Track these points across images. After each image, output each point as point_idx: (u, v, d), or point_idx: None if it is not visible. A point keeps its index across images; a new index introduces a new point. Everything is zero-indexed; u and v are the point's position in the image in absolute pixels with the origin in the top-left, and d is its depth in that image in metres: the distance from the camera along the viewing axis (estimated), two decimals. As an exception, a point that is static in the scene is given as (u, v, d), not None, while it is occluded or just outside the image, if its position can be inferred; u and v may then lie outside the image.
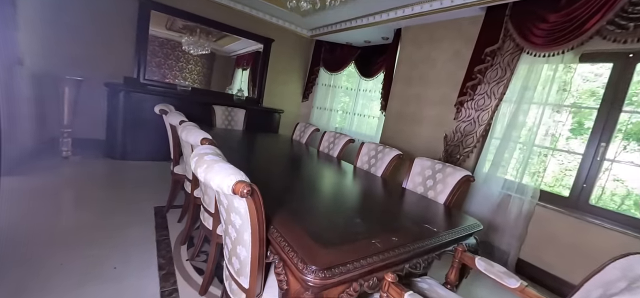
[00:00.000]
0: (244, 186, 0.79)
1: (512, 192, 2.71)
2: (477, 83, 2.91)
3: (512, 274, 1.16)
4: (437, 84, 3.39)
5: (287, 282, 0.90)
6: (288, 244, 0.92)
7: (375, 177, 2.18)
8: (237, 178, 0.81)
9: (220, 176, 0.82)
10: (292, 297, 0.86)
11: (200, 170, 0.89)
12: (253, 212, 0.87)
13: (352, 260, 0.90)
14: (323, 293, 0.86)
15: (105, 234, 2.07)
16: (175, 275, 1.78)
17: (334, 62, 5.39)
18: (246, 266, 1.01)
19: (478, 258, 1.26)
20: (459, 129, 3.06)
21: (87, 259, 1.78)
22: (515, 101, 2.75)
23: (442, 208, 1.70)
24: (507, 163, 2.79)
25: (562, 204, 2.52)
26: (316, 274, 0.81)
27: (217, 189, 0.84)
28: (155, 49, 4.18)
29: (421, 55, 3.61)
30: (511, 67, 2.72)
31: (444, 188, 1.84)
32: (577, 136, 2.69)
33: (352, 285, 0.92)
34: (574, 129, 2.71)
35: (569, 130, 2.72)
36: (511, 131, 2.76)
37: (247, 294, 1.05)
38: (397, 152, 2.28)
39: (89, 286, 1.58)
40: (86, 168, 3.27)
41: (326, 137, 3.03)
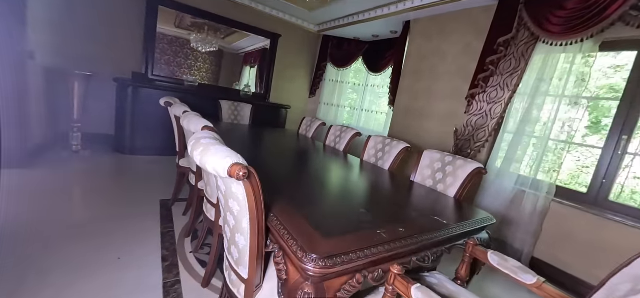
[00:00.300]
0: (240, 168, 0.75)
1: (526, 188, 2.60)
2: (489, 75, 2.80)
3: (528, 269, 1.08)
4: (448, 77, 3.29)
5: (286, 271, 0.86)
6: (288, 232, 0.88)
7: (383, 171, 2.12)
8: (233, 161, 0.77)
9: (216, 158, 0.78)
10: (291, 288, 0.82)
11: (197, 153, 0.85)
12: (251, 197, 0.83)
13: (356, 249, 0.85)
14: (324, 283, 0.81)
15: (111, 226, 2.07)
16: (178, 267, 1.77)
17: (342, 57, 5.33)
18: (245, 255, 0.97)
19: (491, 252, 1.18)
20: (470, 122, 2.96)
21: (92, 249, 1.78)
22: (530, 94, 2.64)
23: (452, 201, 1.62)
24: (521, 158, 2.68)
25: (580, 200, 2.40)
26: (316, 263, 0.76)
27: (213, 172, 0.80)
28: (164, 47, 4.22)
29: (431, 48, 3.51)
30: (526, 58, 2.61)
31: (454, 181, 1.76)
32: (594, 133, 2.55)
33: (355, 277, 0.87)
34: (591, 126, 2.56)
35: (586, 127, 2.57)
36: (525, 125, 2.65)
37: (246, 285, 1.01)
38: (405, 145, 2.21)
39: (92, 275, 1.57)
40: (95, 163, 3.31)
41: (332, 131, 2.97)
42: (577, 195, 2.44)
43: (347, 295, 0.84)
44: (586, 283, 2.23)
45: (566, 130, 2.44)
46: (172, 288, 1.59)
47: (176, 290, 1.58)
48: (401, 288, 0.86)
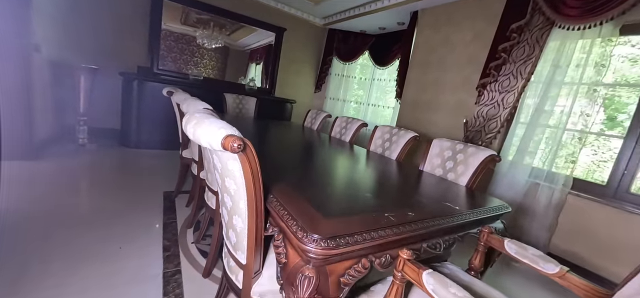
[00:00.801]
0: (234, 139, 0.69)
1: (541, 181, 2.48)
2: (501, 63, 2.69)
3: (549, 258, 1.00)
4: (457, 67, 3.18)
5: (286, 254, 0.80)
6: (287, 212, 0.81)
7: (390, 160, 2.04)
8: (228, 132, 0.71)
9: (210, 130, 0.73)
10: (290, 271, 0.76)
11: (190, 126, 0.79)
12: (247, 173, 0.77)
13: (361, 231, 0.78)
14: (327, 267, 0.75)
15: (114, 217, 2.05)
16: (179, 257, 1.73)
17: (348, 51, 5.24)
18: (243, 239, 0.91)
19: (508, 240, 1.10)
20: (481, 113, 2.85)
21: (94, 239, 1.76)
22: (544, 82, 2.52)
23: (464, 190, 1.54)
24: (535, 149, 2.56)
25: (598, 193, 2.27)
26: (318, 244, 0.70)
27: (206, 145, 0.74)
28: (170, 44, 4.21)
29: (440, 38, 3.40)
30: (540, 44, 2.49)
31: (465, 169, 1.67)
32: (610, 129, 2.40)
33: (360, 261, 0.80)
34: (607, 121, 2.41)
35: (602, 122, 2.43)
36: (540, 114, 2.53)
37: (245, 271, 0.95)
38: (413, 134, 2.12)
39: (93, 263, 1.54)
40: (101, 156, 3.31)
41: (338, 122, 2.90)
42: (595, 188, 2.32)
43: (351, 280, 0.77)
44: (606, 280, 2.11)
45: (583, 119, 2.32)
46: (173, 278, 1.55)
47: (177, 279, 1.54)
48: (411, 274, 0.79)
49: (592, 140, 2.47)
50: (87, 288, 1.39)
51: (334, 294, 0.75)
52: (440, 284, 0.72)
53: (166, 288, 1.47)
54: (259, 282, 0.96)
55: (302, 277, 0.72)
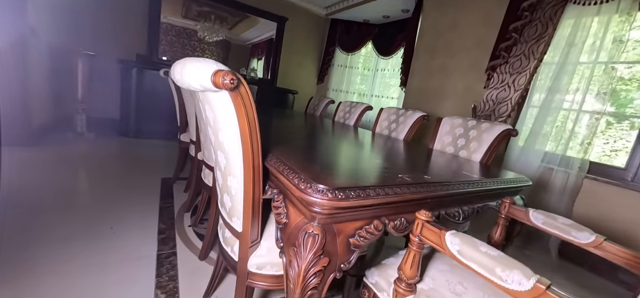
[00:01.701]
0: (226, 74, 0.59)
1: (555, 165, 2.37)
2: (512, 43, 2.57)
3: (582, 227, 0.89)
4: (465, 51, 3.06)
5: (286, 214, 0.69)
6: (289, 168, 0.71)
7: (397, 140, 1.93)
8: (218, 67, 0.61)
9: (198, 67, 0.63)
10: (292, 231, 0.65)
11: (177, 68, 0.70)
12: (242, 118, 0.67)
13: (374, 186, 0.68)
14: (334, 226, 0.65)
15: (109, 200, 1.96)
16: (174, 240, 1.63)
17: (350, 41, 5.14)
18: (238, 203, 0.81)
19: (533, 210, 0.99)
20: (490, 97, 2.74)
21: (87, 220, 1.67)
22: (558, 62, 2.40)
23: (479, 165, 1.43)
24: (549, 133, 2.44)
25: (617, 176, 2.15)
26: (325, 195, 0.59)
27: (197, 86, 0.64)
28: (172, 39, 4.14)
29: (446, 21, 3.29)
30: (554, 22, 2.37)
31: (479, 145, 1.56)
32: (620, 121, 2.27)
33: (373, 223, 0.70)
34: (625, 100, 2.28)
35: (611, 113, 2.29)
36: (553, 96, 2.41)
37: (241, 240, 0.85)
38: (421, 113, 2.02)
39: (82, 243, 1.45)
40: (99, 144, 3.23)
41: (342, 106, 2.80)
42: (613, 171, 2.20)
43: (363, 242, 0.67)
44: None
45: (601, 99, 2.20)
46: (167, 260, 1.45)
47: (171, 261, 1.45)
48: (431, 237, 0.68)
49: (603, 128, 2.33)
50: (74, 266, 1.30)
51: (344, 256, 0.65)
52: (467, 244, 0.61)
53: (159, 269, 1.37)
54: (257, 253, 0.86)
55: (305, 234, 0.61)
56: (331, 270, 0.64)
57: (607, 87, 2.18)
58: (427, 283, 0.79)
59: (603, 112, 2.21)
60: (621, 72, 2.21)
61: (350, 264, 0.65)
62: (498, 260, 0.56)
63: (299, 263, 0.60)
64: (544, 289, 0.50)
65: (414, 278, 0.74)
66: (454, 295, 0.74)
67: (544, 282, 0.51)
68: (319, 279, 0.61)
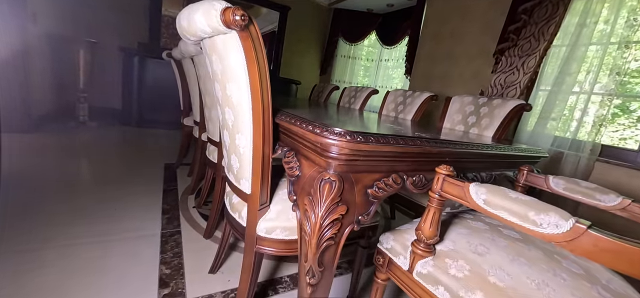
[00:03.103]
0: (236, 10, 0.55)
1: (565, 149, 2.31)
2: (521, 25, 2.51)
3: (607, 189, 0.85)
4: (472, 35, 3.01)
5: (299, 167, 0.66)
6: (302, 119, 0.67)
7: (405, 120, 1.89)
8: (227, 5, 0.57)
9: (206, 7, 0.59)
10: (306, 182, 0.62)
11: (184, 15, 0.66)
12: (253, 64, 0.63)
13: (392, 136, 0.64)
14: (352, 176, 0.61)
15: (112, 184, 1.94)
16: (179, 220, 1.60)
17: (354, 31, 5.08)
18: (247, 163, 0.77)
19: (552, 177, 0.95)
20: (499, 81, 2.68)
21: (88, 201, 1.65)
22: (570, 42, 2.34)
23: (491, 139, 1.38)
24: (559, 116, 2.39)
25: (630, 159, 2.10)
26: (342, 137, 0.55)
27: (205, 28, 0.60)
28: (174, 32, 4.10)
29: (453, 6, 3.23)
30: (564, 2, 2.31)
31: (491, 122, 1.52)
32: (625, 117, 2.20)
33: (391, 176, 0.66)
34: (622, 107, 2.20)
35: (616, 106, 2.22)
36: (564, 78, 2.35)
37: (250, 203, 0.81)
38: (429, 94, 1.97)
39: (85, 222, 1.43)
40: (101, 132, 3.21)
41: (346, 92, 2.76)
42: (626, 154, 2.15)
43: (381, 194, 0.63)
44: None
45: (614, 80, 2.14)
46: (171, 238, 1.42)
47: (175, 239, 1.42)
48: (453, 191, 0.64)
49: (611, 118, 2.26)
50: (78, 242, 1.27)
51: (362, 207, 0.61)
52: (494, 192, 0.57)
53: (164, 246, 1.34)
54: (266, 217, 0.82)
55: (322, 182, 0.58)
56: (349, 220, 0.60)
57: (619, 68, 2.12)
58: (446, 245, 0.75)
59: (614, 94, 2.15)
60: (632, 58, 2.14)
61: (369, 216, 0.62)
62: (530, 205, 0.52)
63: (315, 211, 0.56)
64: (584, 229, 0.46)
65: (434, 238, 0.70)
66: (477, 255, 0.70)
67: (583, 222, 0.47)
68: (337, 229, 0.57)
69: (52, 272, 1.09)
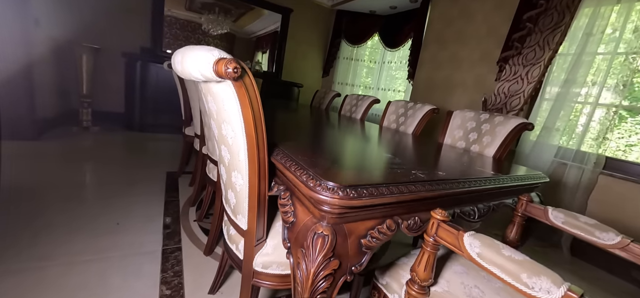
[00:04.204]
0: (230, 62, 0.55)
1: (569, 160, 2.29)
2: (526, 34, 2.48)
3: (606, 227, 0.84)
4: (476, 41, 2.97)
5: (294, 213, 0.66)
6: (296, 163, 0.67)
7: (406, 134, 1.88)
8: (221, 55, 0.57)
9: (200, 55, 0.59)
10: (300, 231, 0.62)
11: (178, 57, 0.66)
12: (247, 110, 0.63)
13: (386, 183, 0.63)
14: (345, 226, 0.61)
15: (114, 194, 1.95)
16: (180, 235, 1.62)
17: (356, 33, 5.04)
18: (243, 199, 0.78)
19: (552, 209, 0.94)
20: (502, 89, 2.65)
21: (92, 214, 1.66)
22: (575, 52, 2.30)
23: (492, 160, 1.37)
24: (563, 126, 2.36)
25: (635, 172, 2.07)
26: (335, 193, 0.55)
27: (198, 76, 0.60)
28: (177, 32, 4.11)
29: (457, 10, 3.18)
30: (571, 10, 2.27)
31: (492, 140, 1.50)
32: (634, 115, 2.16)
33: (385, 222, 0.66)
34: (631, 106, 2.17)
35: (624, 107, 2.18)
36: (569, 88, 2.32)
37: (246, 238, 0.82)
38: (431, 107, 1.95)
39: (87, 236, 1.45)
40: (104, 138, 3.23)
41: (348, 100, 2.74)
42: (631, 167, 2.12)
43: (375, 243, 0.63)
44: (643, 266, 1.92)
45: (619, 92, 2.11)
46: (172, 255, 1.44)
47: (176, 256, 1.43)
48: (448, 238, 0.64)
49: (618, 122, 2.24)
50: (78, 260, 1.29)
51: (355, 258, 0.61)
52: (488, 247, 0.57)
53: (165, 264, 1.36)
54: (263, 252, 0.83)
55: (314, 235, 0.58)
56: (342, 273, 0.60)
57: (625, 80, 2.09)
58: (441, 286, 0.75)
59: (620, 106, 2.12)
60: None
61: (362, 266, 0.62)
62: (523, 265, 0.52)
63: (307, 266, 0.57)
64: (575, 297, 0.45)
65: (428, 280, 0.70)
66: (471, 299, 0.70)
67: (575, 290, 0.46)
68: (329, 283, 0.58)
69: (51, 291, 1.11)
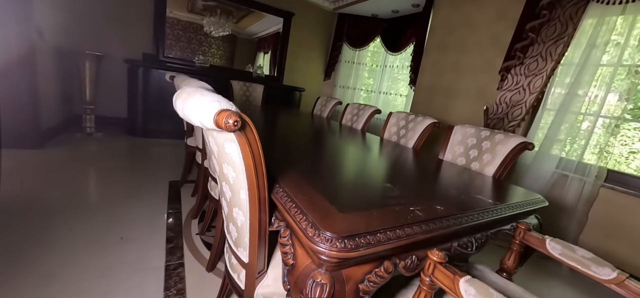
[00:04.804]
0: (230, 115, 0.56)
1: (570, 172, 2.29)
2: (528, 44, 2.46)
3: (603, 261, 0.85)
4: (478, 49, 2.96)
5: (294, 255, 0.67)
6: (296, 205, 0.69)
7: (406, 149, 1.89)
8: (222, 106, 0.58)
9: (201, 104, 0.60)
10: (299, 275, 0.63)
11: (179, 101, 0.67)
12: (248, 157, 0.64)
13: (383, 228, 0.65)
14: (343, 272, 0.62)
15: (117, 205, 1.98)
16: (182, 249, 1.64)
17: (358, 36, 5.03)
18: (244, 234, 0.79)
19: (549, 239, 0.95)
20: (504, 99, 2.64)
21: (95, 227, 1.69)
22: (578, 63, 2.29)
23: (491, 180, 1.38)
24: (565, 138, 2.35)
25: (636, 186, 2.07)
26: (333, 244, 0.57)
27: (197, 123, 0.61)
28: (179, 34, 4.13)
29: (459, 17, 3.17)
30: (574, 21, 2.26)
31: (492, 158, 1.51)
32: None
33: (382, 264, 0.67)
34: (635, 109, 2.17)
35: (629, 110, 2.18)
36: (571, 100, 2.31)
37: (247, 270, 0.84)
38: (431, 120, 1.96)
39: (92, 253, 1.47)
40: (108, 144, 3.26)
41: (349, 109, 2.75)
42: (632, 181, 2.11)
43: (372, 287, 0.65)
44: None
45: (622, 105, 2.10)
46: (175, 272, 1.46)
47: (179, 273, 1.45)
48: (444, 280, 0.65)
49: (621, 129, 2.23)
50: (83, 278, 1.31)
51: (352, 304, 0.62)
52: (484, 296, 0.58)
53: (168, 282, 1.38)
54: (263, 283, 0.84)
55: (313, 283, 0.59)
56: (339, 319, 0.62)
57: (629, 92, 2.08)
58: (438, 322, 0.76)
59: (622, 118, 2.11)
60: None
61: (360, 312, 0.63)
62: (517, 320, 0.53)
63: (306, 315, 0.58)
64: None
65: (425, 318, 0.71)
66: (467, 338, 0.71)
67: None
68: (327, 330, 0.59)
69: (60, 314, 1.14)
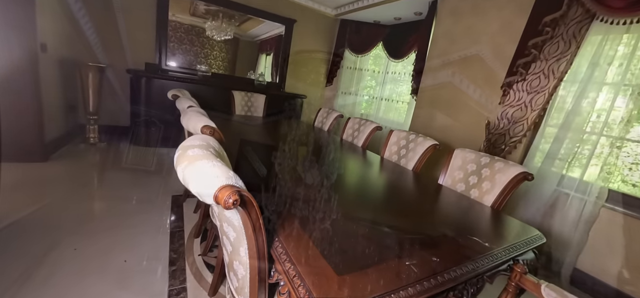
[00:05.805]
0: (230, 193, 0.58)
1: (571, 191, 2.28)
2: (531, 60, 2.45)
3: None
4: (480, 62, 2.94)
5: (292, 316, 0.69)
6: (293, 266, 0.71)
7: (406, 171, 1.90)
8: (222, 183, 0.59)
9: (201, 178, 0.61)
10: (297, 340, 0.65)
11: (180, 168, 0.69)
12: (248, 227, 0.66)
13: (379, 293, 0.66)
14: (339, 337, 0.64)
15: (121, 223, 2.01)
16: (185, 273, 1.67)
17: (360, 42, 5.02)
18: (245, 285, 0.81)
19: (545, 285, 0.96)
20: (506, 115, 2.64)
21: (99, 249, 1.72)
22: (581, 81, 2.28)
23: (490, 212, 1.39)
24: (566, 156, 2.35)
25: (637, 205, 2.06)
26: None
27: (197, 196, 0.63)
28: (181, 36, 4.14)
29: (461, 28, 3.16)
30: (577, 40, 2.24)
31: (491, 187, 1.52)
32: None
33: (378, 325, 0.69)
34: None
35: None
36: (573, 118, 2.30)
37: (248, 318, 0.86)
38: (432, 142, 1.96)
39: (95, 277, 1.50)
40: (111, 155, 3.30)
41: (350, 123, 2.76)
42: (635, 202, 2.11)
43: (367, 351, 0.66)
44: (644, 304, 1.93)
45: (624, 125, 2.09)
46: (178, 297, 1.49)
47: (181, 299, 1.48)
48: (437, 343, 0.67)
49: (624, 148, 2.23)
50: (89, 309, 1.35)
51: None
52: None
53: (170, 309, 1.41)
54: (263, 330, 0.86)
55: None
56: None
57: (632, 112, 2.07)
58: None
59: (626, 138, 2.10)
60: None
61: None
62: None
63: None
64: None
65: None
66: None
67: None
68: None
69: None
